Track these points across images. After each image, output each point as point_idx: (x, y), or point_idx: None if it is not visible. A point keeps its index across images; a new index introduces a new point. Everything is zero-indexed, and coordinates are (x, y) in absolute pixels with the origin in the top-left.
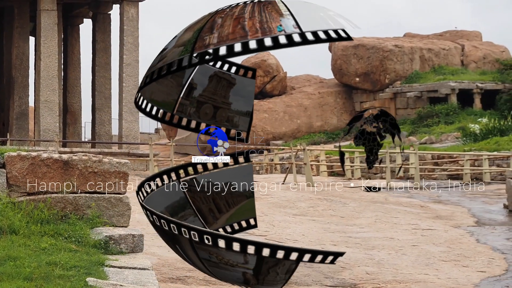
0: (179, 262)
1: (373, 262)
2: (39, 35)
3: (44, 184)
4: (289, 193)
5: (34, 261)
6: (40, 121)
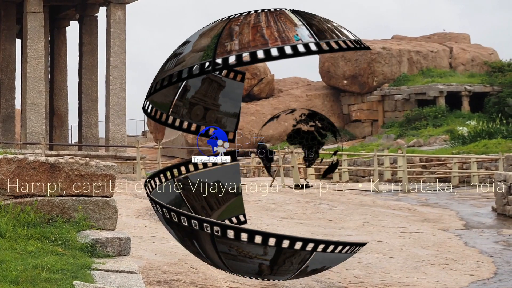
0: (166, 265)
1: (361, 266)
2: (25, 37)
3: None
4: (277, 196)
5: (21, 265)
6: (27, 124)
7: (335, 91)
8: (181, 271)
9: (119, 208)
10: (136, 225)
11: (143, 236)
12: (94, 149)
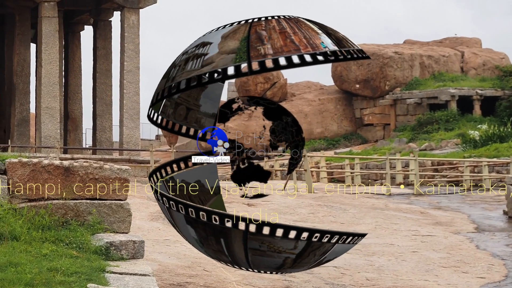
0: (180, 268)
1: (373, 268)
2: (40, 42)
3: (45, 191)
4: (290, 200)
5: (35, 267)
6: (41, 128)
7: (347, 95)
8: (195, 274)
9: (133, 211)
10: (150, 228)
11: (156, 239)
12: (108, 152)
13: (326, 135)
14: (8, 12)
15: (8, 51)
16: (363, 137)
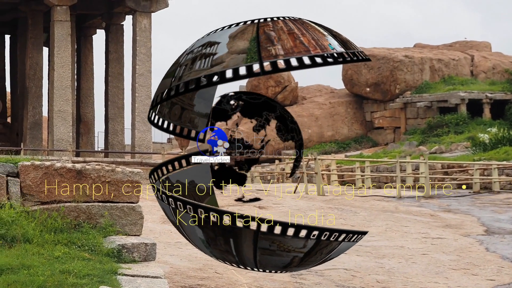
0: (191, 270)
1: (383, 271)
2: (52, 45)
3: (57, 193)
4: (300, 202)
5: (48, 270)
6: (54, 131)
7: (358, 99)
8: (206, 276)
9: (144, 214)
10: (162, 230)
11: (168, 241)
12: (120, 155)
13: (336, 138)
14: (21, 16)
15: (20, 55)
16: (374, 140)
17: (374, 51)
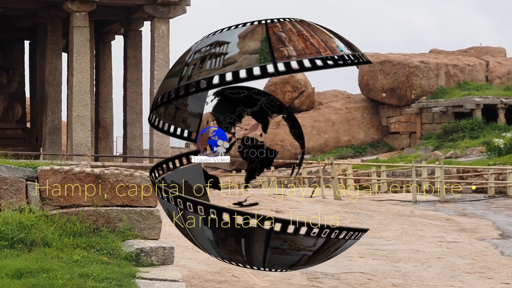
0: (209, 274)
1: (399, 274)
2: (71, 51)
3: (76, 198)
4: (317, 206)
5: (67, 273)
6: (73, 136)
7: (374, 104)
8: (224, 280)
9: (163, 218)
10: (180, 234)
11: (186, 245)
12: (139, 160)
13: (353, 143)
14: (40, 22)
15: (40, 60)
16: (390, 145)
17: (390, 56)
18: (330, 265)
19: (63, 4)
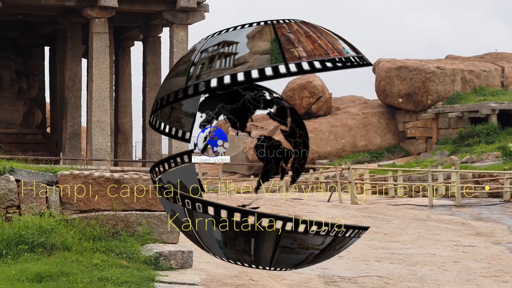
0: (227, 277)
1: (415, 278)
2: (91, 57)
3: (96, 202)
4: (334, 211)
5: (87, 277)
6: (92, 141)
7: (390, 109)
8: (242, 283)
9: None
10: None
11: None
12: None
13: (369, 148)
14: (60, 28)
15: (60, 66)
16: (406, 150)
17: (407, 62)
18: (347, 269)
19: (83, 10)
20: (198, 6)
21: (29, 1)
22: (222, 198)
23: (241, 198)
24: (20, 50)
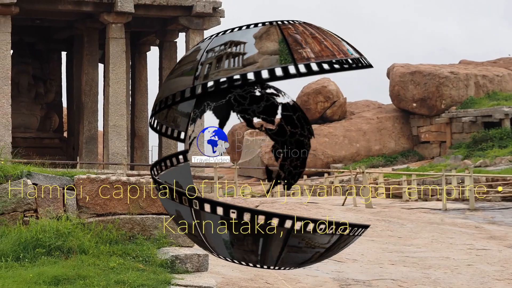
0: (243, 281)
1: (429, 281)
2: (107, 62)
3: (112, 206)
4: (349, 215)
5: (103, 280)
6: (109, 145)
7: (404, 114)
8: (257, 286)
9: None
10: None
11: None
12: None
13: (384, 152)
14: (77, 33)
15: (76, 71)
16: (420, 154)
17: (421, 67)
18: (362, 272)
19: (100, 16)
20: (214, 11)
21: (46, 7)
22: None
23: (256, 202)
24: (38, 55)
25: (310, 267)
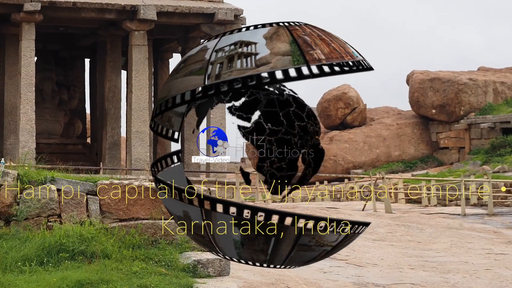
0: (264, 285)
1: (448, 285)
2: (130, 69)
3: (135, 211)
4: (369, 219)
5: (126, 284)
6: (132, 151)
7: (424, 120)
8: None
9: None
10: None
11: None
12: (196, 175)
13: (403, 158)
14: (100, 40)
15: (100, 78)
16: (439, 160)
17: (440, 74)
18: (382, 276)
19: (123, 23)
20: (235, 19)
21: (70, 14)
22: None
23: (278, 207)
24: (61, 62)
25: (331, 271)
